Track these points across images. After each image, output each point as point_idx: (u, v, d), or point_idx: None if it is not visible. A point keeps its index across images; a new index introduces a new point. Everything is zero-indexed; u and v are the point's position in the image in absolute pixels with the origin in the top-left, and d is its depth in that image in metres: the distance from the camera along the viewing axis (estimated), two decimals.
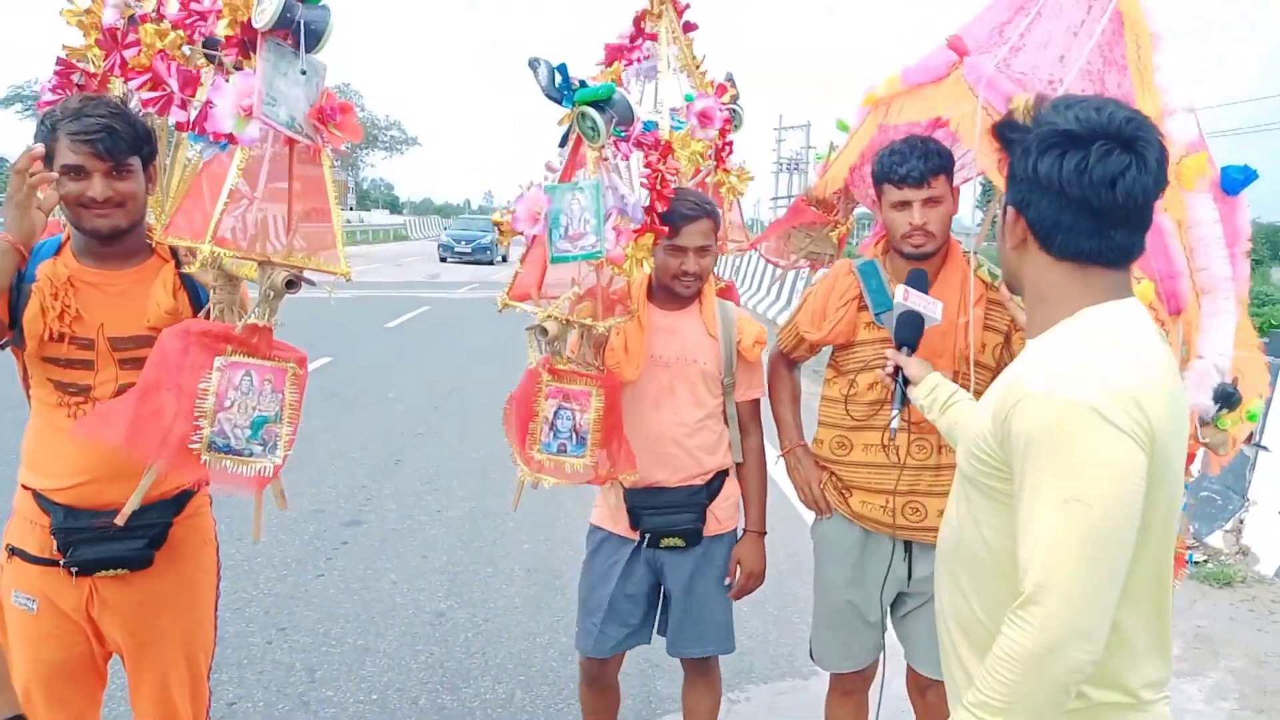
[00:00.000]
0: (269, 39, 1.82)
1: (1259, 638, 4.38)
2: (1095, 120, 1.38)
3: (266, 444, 1.98)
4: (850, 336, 2.56)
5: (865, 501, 2.56)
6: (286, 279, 1.93)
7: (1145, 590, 1.42)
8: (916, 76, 2.39)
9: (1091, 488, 1.30)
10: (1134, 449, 1.31)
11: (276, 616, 4.24)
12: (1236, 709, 3.73)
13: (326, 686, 3.67)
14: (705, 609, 2.73)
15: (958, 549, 1.58)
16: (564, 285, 2.40)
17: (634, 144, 2.35)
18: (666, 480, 2.64)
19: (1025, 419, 1.36)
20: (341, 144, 1.97)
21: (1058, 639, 1.30)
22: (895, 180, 2.37)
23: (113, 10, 2.08)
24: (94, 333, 2.05)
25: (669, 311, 2.67)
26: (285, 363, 2.00)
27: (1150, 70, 2.03)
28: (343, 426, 7.69)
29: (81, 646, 2.18)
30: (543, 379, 2.38)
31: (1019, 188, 1.46)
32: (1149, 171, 1.37)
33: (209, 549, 2.34)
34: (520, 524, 5.48)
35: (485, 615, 4.35)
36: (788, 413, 2.81)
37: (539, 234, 2.27)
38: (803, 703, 3.65)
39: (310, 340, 11.67)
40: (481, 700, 3.62)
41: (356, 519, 5.60)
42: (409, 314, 15.89)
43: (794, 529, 5.50)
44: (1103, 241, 1.41)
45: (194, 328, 1.92)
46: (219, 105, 1.80)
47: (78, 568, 2.07)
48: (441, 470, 6.58)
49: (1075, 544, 1.30)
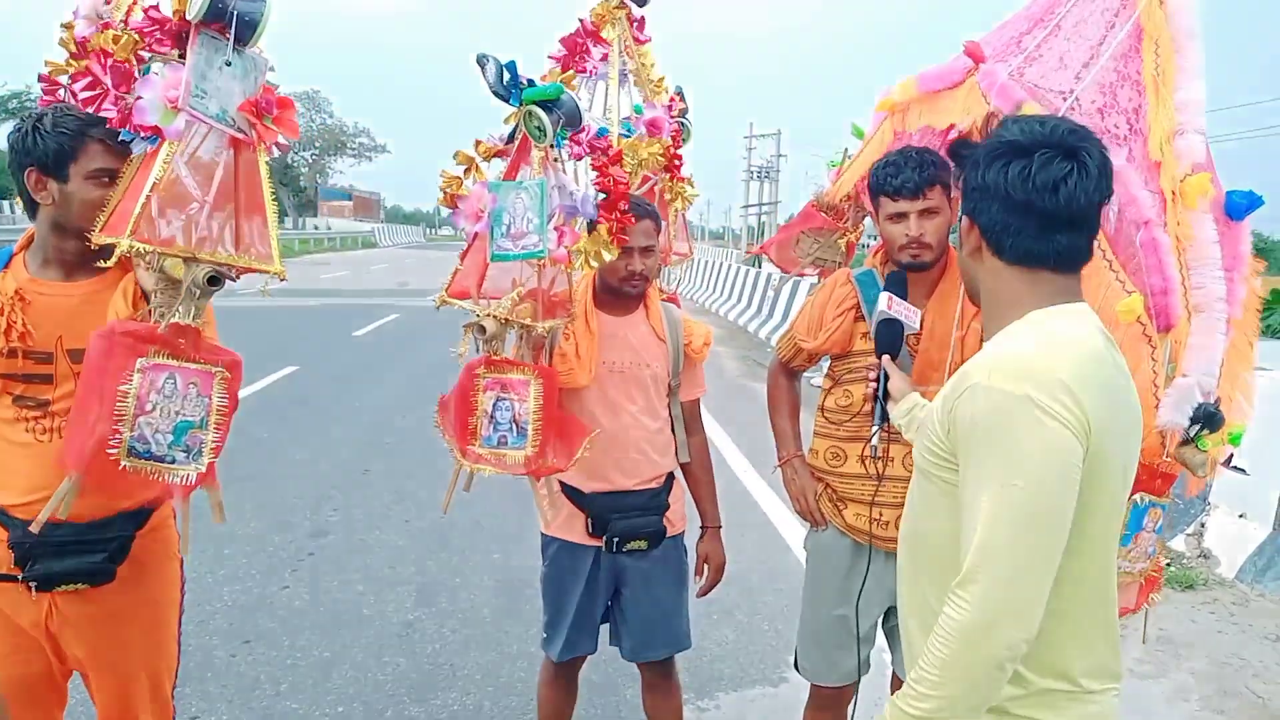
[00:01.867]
0: (202, 31, 1.78)
1: (1220, 639, 4.45)
2: (1039, 132, 1.47)
3: (190, 450, 1.90)
4: (847, 346, 2.54)
5: (859, 514, 2.53)
6: (208, 275, 1.85)
7: (1088, 578, 1.48)
8: (933, 83, 2.38)
9: (1026, 472, 1.36)
10: (1067, 436, 1.37)
11: (241, 628, 4.18)
12: (1198, 710, 3.78)
13: (292, 699, 3.62)
14: (665, 611, 2.75)
15: (913, 540, 1.65)
16: (505, 285, 2.38)
17: (588, 147, 2.34)
18: (627, 484, 2.66)
19: (967, 409, 1.43)
20: (276, 138, 1.91)
21: (991, 616, 1.36)
22: (890, 192, 2.35)
23: (84, 22, 2.06)
24: (52, 345, 2.00)
25: (618, 317, 2.68)
26: (213, 366, 1.92)
27: (1169, 87, 2.04)
28: (309, 436, 7.59)
29: (40, 664, 2.12)
30: (480, 372, 2.36)
31: (971, 197, 1.55)
32: (1090, 177, 1.46)
33: (173, 563, 2.27)
34: (489, 534, 5.45)
35: (453, 626, 4.32)
36: (786, 423, 2.77)
37: (480, 231, 2.26)
38: (771, 710, 3.65)
39: (276, 349, 11.60)
40: (449, 711, 3.58)
41: (323, 529, 5.54)
42: (377, 322, 15.77)
43: (765, 538, 5.54)
44: (1048, 244, 1.48)
45: (118, 327, 1.86)
46: (145, 97, 1.78)
47: (36, 582, 2.00)
48: (410, 481, 6.52)
49: (1010, 525, 1.36)
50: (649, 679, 2.87)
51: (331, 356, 11.96)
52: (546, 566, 2.80)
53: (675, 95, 3.08)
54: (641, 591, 2.73)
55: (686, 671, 3.33)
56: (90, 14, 2.05)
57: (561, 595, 2.75)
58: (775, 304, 15.52)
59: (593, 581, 2.72)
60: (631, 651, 2.79)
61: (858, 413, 2.50)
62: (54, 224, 2.00)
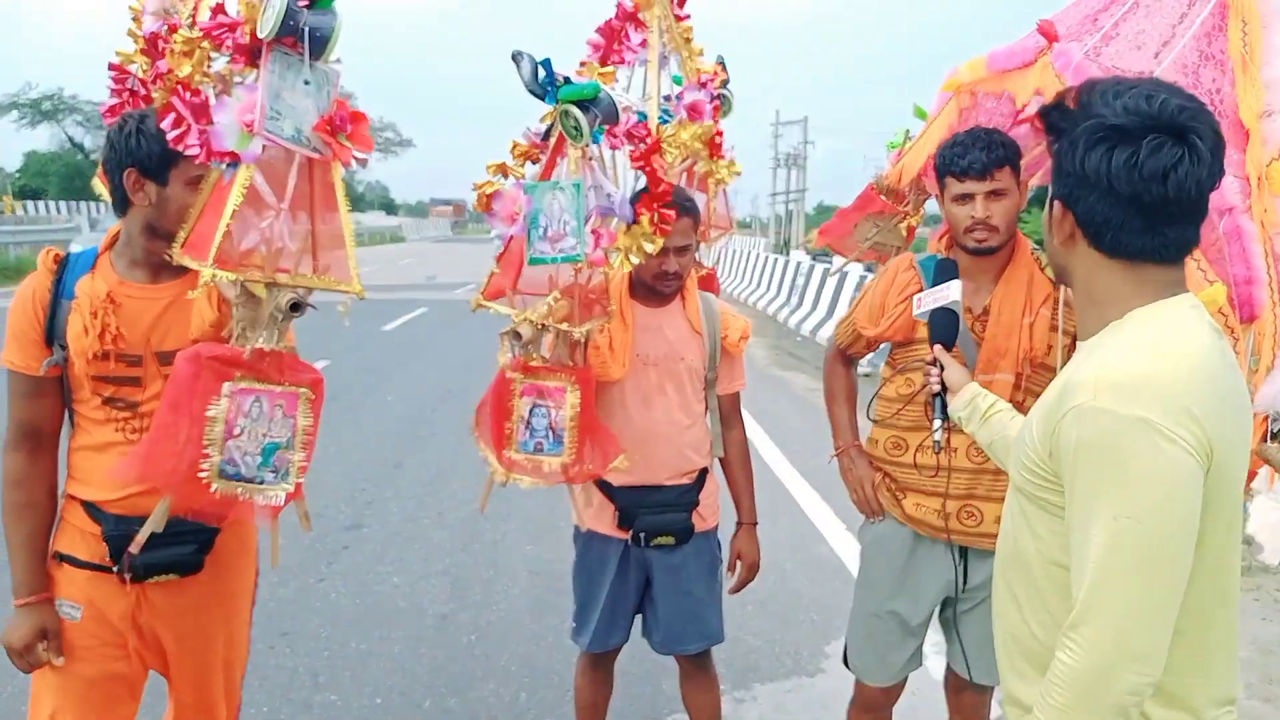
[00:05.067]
0: (274, 48, 1.75)
1: (1264, 627, 4.37)
2: (1145, 111, 1.31)
3: (279, 471, 1.92)
4: (909, 334, 2.47)
5: (919, 504, 2.47)
6: (291, 301, 1.86)
7: (1206, 601, 1.36)
8: (1003, 62, 2.31)
9: (1142, 503, 1.24)
10: (1188, 461, 1.25)
11: (279, 621, 4.23)
12: (1243, 699, 3.71)
13: (330, 691, 3.66)
14: (697, 604, 2.74)
15: (1013, 563, 1.52)
16: (540, 284, 2.36)
17: (625, 136, 2.29)
18: (657, 479, 2.63)
19: (1073, 432, 1.31)
20: (352, 156, 1.88)
21: (1108, 662, 1.25)
22: (957, 172, 2.28)
23: (151, 19, 2.06)
24: (141, 348, 2.02)
25: (653, 308, 2.65)
26: (297, 387, 1.93)
27: (1257, 64, 1.94)
28: (342, 430, 7.66)
29: (119, 664, 2.12)
30: (516, 378, 2.34)
31: (1065, 181, 1.40)
32: (1203, 163, 1.31)
33: (250, 556, 2.32)
34: (522, 526, 5.47)
35: (488, 618, 4.34)
36: (843, 412, 2.72)
37: (517, 234, 2.23)
38: (809, 701, 3.64)
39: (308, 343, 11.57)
40: (486, 703, 3.60)
41: (357, 523, 5.58)
42: (406, 316, 15.88)
43: (799, 529, 5.51)
44: (1155, 238, 1.35)
45: (204, 352, 1.87)
46: (220, 122, 1.74)
47: (132, 573, 2.04)
48: (442, 473, 6.56)
49: (1125, 563, 1.25)
50: (686, 670, 2.86)
51: (363, 350, 12.05)
52: (577, 557, 2.80)
53: (718, 65, 2.99)
54: (671, 585, 2.71)
55: (723, 663, 3.32)
56: (158, 10, 2.05)
57: (591, 586, 2.74)
58: (805, 292, 15.41)
59: (623, 573, 2.71)
60: (662, 644, 2.78)
61: (920, 402, 2.44)
62: (146, 226, 2.00)
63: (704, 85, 2.89)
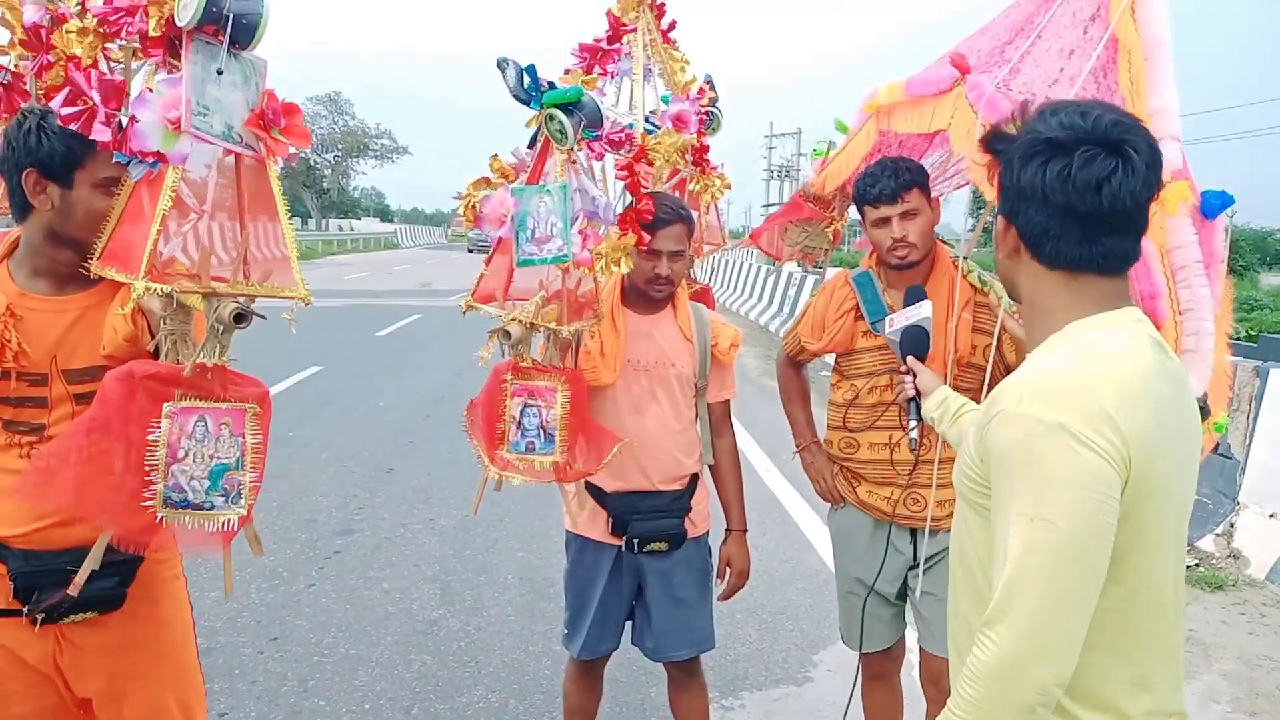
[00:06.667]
0: (195, 38, 1.59)
1: (1251, 641, 4.40)
2: (1079, 125, 1.35)
3: (229, 494, 1.76)
4: (849, 345, 2.69)
5: (871, 492, 2.70)
6: (234, 311, 1.69)
7: (1137, 609, 1.38)
8: (919, 89, 2.46)
9: (1056, 506, 1.27)
10: (1104, 467, 1.27)
11: (268, 626, 4.22)
12: (1229, 712, 3.73)
13: (319, 696, 3.65)
14: (688, 611, 2.75)
15: (959, 566, 1.57)
16: (532, 290, 2.39)
17: (606, 142, 2.33)
18: (649, 485, 2.66)
19: (998, 436, 1.35)
20: (288, 151, 1.74)
21: (1018, 657, 1.28)
22: (871, 200, 2.52)
23: (33, 8, 1.84)
24: (46, 365, 1.84)
25: (644, 315, 2.68)
26: (244, 403, 1.77)
27: (1144, 96, 2.05)
28: (334, 436, 7.64)
29: (52, 698, 1.95)
30: (507, 379, 2.36)
31: (1007, 196, 1.45)
32: (1137, 174, 1.34)
33: (178, 582, 2.13)
34: (513, 532, 5.47)
35: (478, 624, 4.34)
36: (799, 411, 2.96)
37: (505, 236, 2.25)
38: (797, 710, 3.64)
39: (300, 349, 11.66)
40: (475, 709, 3.60)
41: (348, 528, 5.58)
42: (400, 322, 15.88)
43: (788, 537, 5.53)
44: (1093, 248, 1.38)
45: (138, 370, 1.70)
46: (143, 119, 1.59)
47: (43, 614, 1.83)
48: (433, 479, 6.56)
49: (1037, 563, 1.27)
50: (675, 677, 2.86)
51: (355, 356, 12.03)
52: (570, 564, 2.81)
53: (705, 84, 3.06)
54: (663, 591, 2.72)
55: (711, 670, 3.33)
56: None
57: (583, 593, 2.75)
58: (796, 303, 15.48)
59: (615, 580, 2.72)
60: (654, 651, 2.79)
61: (866, 405, 2.65)
62: (49, 232, 1.83)
63: (692, 99, 2.94)
